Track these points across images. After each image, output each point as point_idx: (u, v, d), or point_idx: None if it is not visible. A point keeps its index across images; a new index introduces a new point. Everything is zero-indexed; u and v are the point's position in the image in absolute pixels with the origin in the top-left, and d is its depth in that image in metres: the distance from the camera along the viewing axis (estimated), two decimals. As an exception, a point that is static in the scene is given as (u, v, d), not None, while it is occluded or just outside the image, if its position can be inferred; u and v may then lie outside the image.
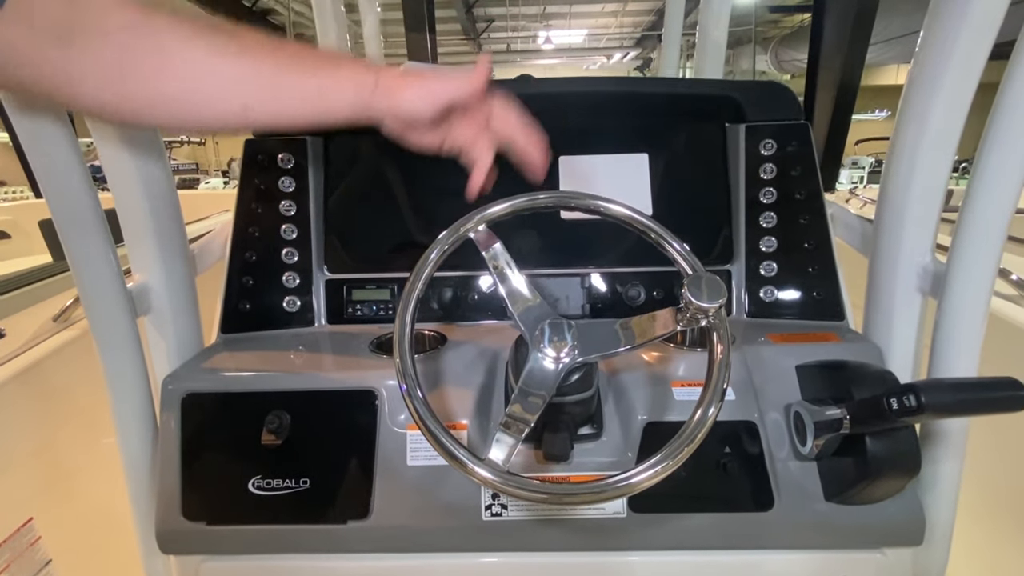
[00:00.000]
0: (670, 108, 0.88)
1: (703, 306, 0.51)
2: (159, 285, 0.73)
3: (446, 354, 0.72)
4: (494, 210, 0.60)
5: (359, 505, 0.65)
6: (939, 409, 0.50)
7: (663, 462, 0.49)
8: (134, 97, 0.47)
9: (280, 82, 0.50)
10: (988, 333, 0.64)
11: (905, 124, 0.68)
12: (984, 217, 0.60)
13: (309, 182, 0.83)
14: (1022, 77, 0.56)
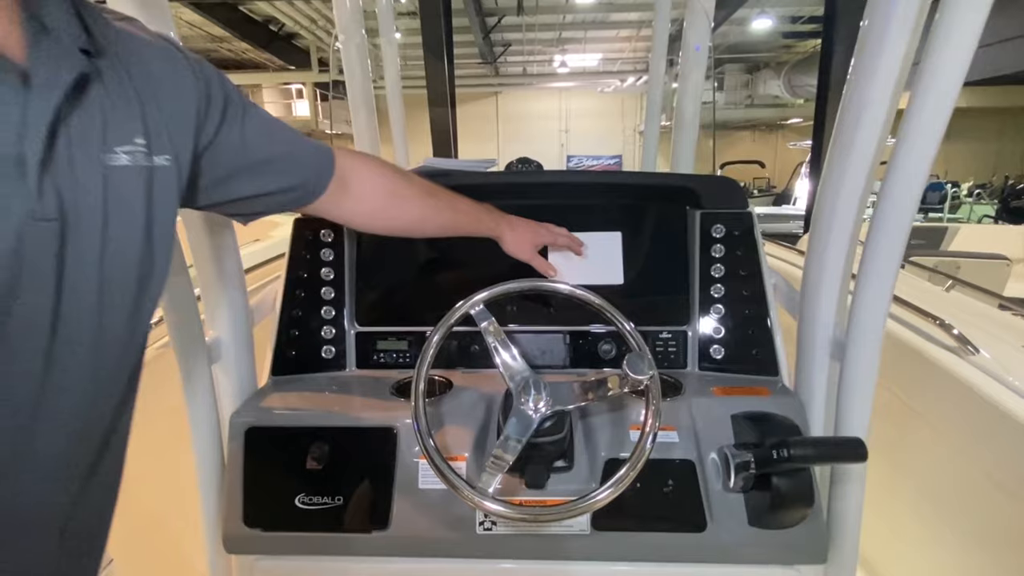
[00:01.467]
0: (641, 195, 1.06)
1: (637, 377, 0.69)
2: (227, 338, 0.92)
3: (452, 399, 0.90)
4: (487, 294, 0.78)
5: (380, 518, 0.82)
6: (804, 459, 0.67)
7: (609, 489, 0.67)
8: (385, 227, 0.84)
9: (452, 219, 0.87)
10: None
11: (818, 210, 0.85)
12: (871, 297, 0.77)
13: (344, 253, 1.03)
14: (901, 178, 0.72)
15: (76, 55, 0.46)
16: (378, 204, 0.80)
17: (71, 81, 0.44)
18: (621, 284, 1.02)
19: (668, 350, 1.00)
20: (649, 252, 1.04)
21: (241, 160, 0.64)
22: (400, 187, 0.82)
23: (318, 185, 0.73)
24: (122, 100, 0.50)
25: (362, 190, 0.78)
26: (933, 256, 2.54)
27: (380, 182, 0.80)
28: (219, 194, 0.65)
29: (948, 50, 0.63)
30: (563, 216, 1.05)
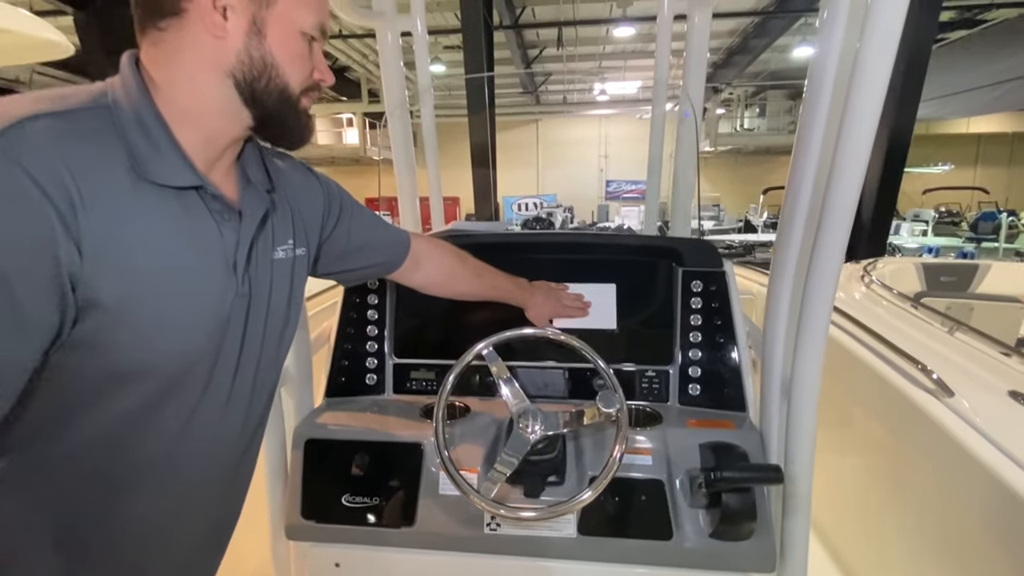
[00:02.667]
0: (633, 254, 1.25)
1: (607, 410, 0.87)
2: (293, 366, 1.15)
3: (468, 421, 1.10)
4: (494, 340, 0.99)
5: (408, 516, 1.02)
6: (731, 480, 0.84)
7: (577, 500, 0.86)
8: (443, 294, 1.09)
9: (491, 293, 1.13)
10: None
11: (776, 258, 0.99)
12: (808, 342, 0.92)
13: (386, 300, 1.25)
14: (827, 232, 0.83)
15: (264, 196, 0.73)
16: (439, 279, 1.07)
17: (261, 215, 0.71)
18: (615, 329, 1.21)
19: (653, 386, 1.17)
20: (639, 301, 1.22)
21: (347, 246, 0.91)
22: (457, 268, 1.08)
23: (397, 262, 1.00)
24: (283, 215, 0.77)
25: (429, 268, 1.05)
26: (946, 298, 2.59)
27: (442, 264, 1.07)
28: (330, 268, 0.93)
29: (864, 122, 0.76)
30: (568, 269, 1.25)
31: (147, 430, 0.64)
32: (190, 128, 0.62)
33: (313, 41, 0.68)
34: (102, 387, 0.59)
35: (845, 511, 1.64)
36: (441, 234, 1.41)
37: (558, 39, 10.67)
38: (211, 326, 0.66)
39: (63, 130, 0.53)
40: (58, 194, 0.51)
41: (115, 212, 0.55)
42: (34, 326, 0.51)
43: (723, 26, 10.73)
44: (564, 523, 0.99)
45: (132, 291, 0.57)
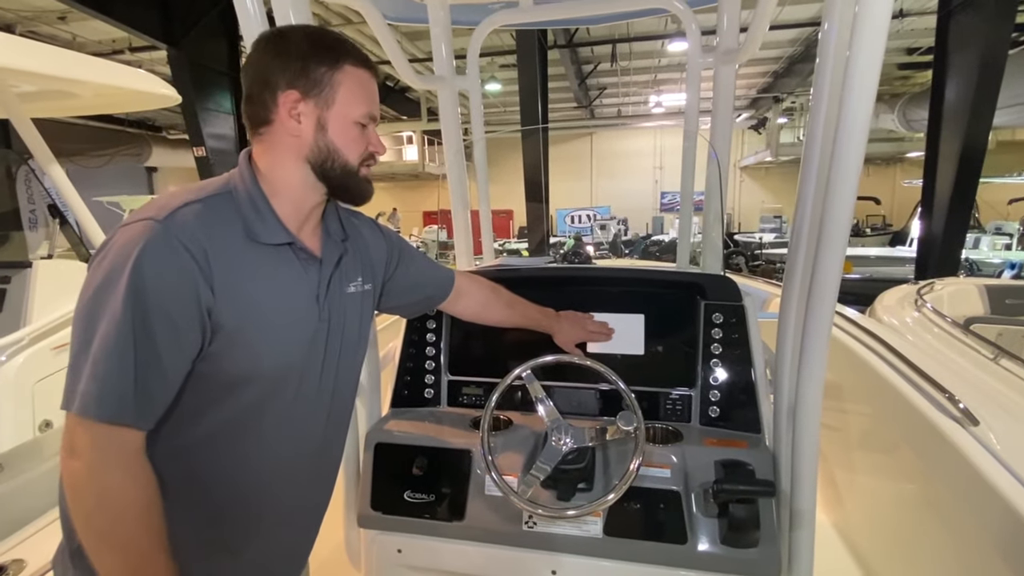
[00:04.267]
0: (660, 287, 1.39)
1: (625, 428, 1.02)
2: (365, 380, 1.36)
3: (511, 433, 1.27)
4: (532, 364, 1.16)
5: (459, 512, 1.20)
6: (730, 493, 0.97)
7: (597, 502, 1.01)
8: (481, 321, 1.28)
9: (522, 321, 1.30)
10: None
11: (787, 281, 1.10)
12: (811, 367, 1.02)
13: (443, 324, 1.45)
14: (824, 261, 0.91)
15: (339, 244, 0.95)
16: (477, 309, 1.28)
17: (336, 260, 0.93)
18: (642, 354, 1.35)
19: (676, 407, 1.30)
20: (665, 330, 1.36)
21: (404, 284, 1.12)
22: (491, 300, 1.28)
23: (443, 296, 1.22)
24: (354, 259, 0.98)
25: (468, 300, 1.26)
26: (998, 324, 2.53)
27: (479, 296, 1.27)
28: (390, 303, 1.13)
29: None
30: (600, 300, 1.40)
31: (258, 419, 0.85)
32: (284, 200, 0.86)
33: (365, 126, 0.88)
34: (224, 388, 0.82)
35: (884, 538, 1.69)
36: (490, 268, 1.60)
37: (612, 55, 10.78)
38: (300, 343, 0.87)
39: (201, 211, 0.78)
40: (199, 254, 0.75)
41: (233, 263, 0.79)
42: (188, 344, 0.76)
43: (784, 36, 10.52)
44: (591, 524, 1.14)
45: (243, 319, 0.80)
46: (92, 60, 2.26)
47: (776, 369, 1.14)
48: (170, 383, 0.76)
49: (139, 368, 0.72)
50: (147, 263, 0.72)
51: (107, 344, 0.70)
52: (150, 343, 0.72)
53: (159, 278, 0.72)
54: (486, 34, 1.70)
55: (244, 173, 0.85)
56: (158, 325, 0.73)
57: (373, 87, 0.90)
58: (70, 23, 9.24)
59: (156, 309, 0.72)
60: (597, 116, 17.73)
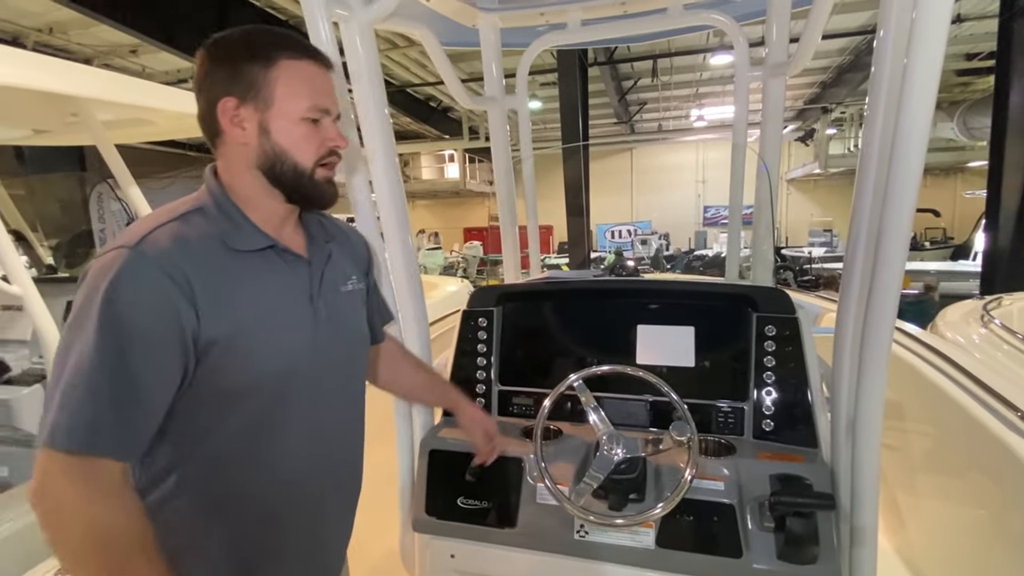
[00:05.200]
0: (712, 300, 1.39)
1: (678, 438, 1.03)
2: (419, 389, 1.41)
3: (562, 443, 1.28)
4: (582, 374, 1.17)
5: (510, 519, 1.22)
6: (788, 505, 0.95)
7: (650, 511, 1.02)
8: (382, 372, 1.18)
9: (428, 392, 1.28)
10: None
11: (843, 293, 1.08)
12: (871, 380, 1.00)
13: (494, 334, 1.49)
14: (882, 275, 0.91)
15: (325, 246, 0.94)
16: (386, 359, 1.18)
17: (325, 259, 0.92)
18: (692, 366, 1.35)
19: (728, 420, 1.29)
20: (717, 342, 1.35)
21: (373, 292, 1.10)
22: (399, 355, 1.22)
23: (375, 338, 1.13)
24: (344, 258, 0.98)
25: (386, 344, 1.18)
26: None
27: (394, 347, 1.21)
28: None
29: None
30: (650, 313, 1.41)
31: (273, 431, 0.84)
32: (253, 208, 0.84)
33: (316, 121, 0.83)
34: (229, 401, 0.81)
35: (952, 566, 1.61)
36: (538, 281, 1.64)
37: (652, 70, 10.77)
38: (300, 345, 0.86)
39: (175, 230, 0.77)
40: (178, 275, 0.73)
41: (216, 276, 0.77)
42: (169, 368, 0.74)
43: (832, 45, 10.28)
44: (644, 535, 1.14)
45: (236, 328, 0.78)
46: (168, 89, 2.44)
47: (833, 384, 1.13)
48: (152, 410, 0.74)
49: (114, 397, 0.69)
50: (120, 291, 0.70)
51: (78, 374, 0.68)
52: (125, 371, 0.70)
53: (134, 305, 0.70)
54: (535, 55, 1.76)
55: (212, 187, 0.84)
56: (134, 353, 0.70)
57: (319, 77, 0.85)
58: (140, 56, 9.94)
59: (131, 337, 0.70)
60: (637, 131, 17.66)
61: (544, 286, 1.52)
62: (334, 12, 1.04)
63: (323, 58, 0.86)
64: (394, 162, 1.23)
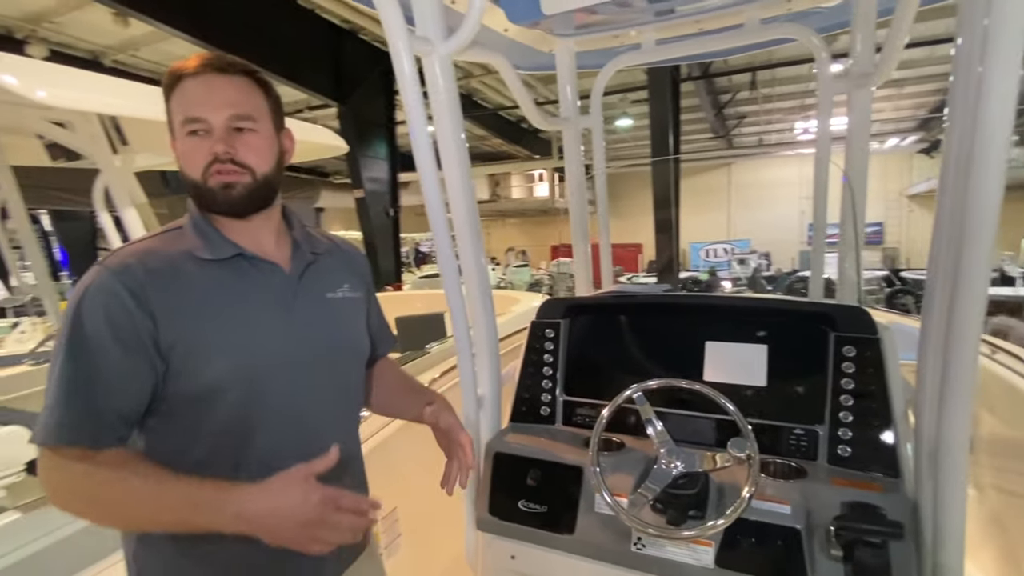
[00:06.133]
0: (785, 318, 1.35)
1: (736, 455, 1.01)
2: (488, 395, 1.48)
3: (623, 455, 1.29)
4: (642, 386, 1.19)
5: (568, 526, 1.25)
6: (852, 531, 0.90)
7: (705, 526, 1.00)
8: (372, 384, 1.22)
9: (410, 407, 1.23)
10: None
11: (925, 322, 1.01)
12: (954, 406, 0.92)
13: (560, 345, 1.53)
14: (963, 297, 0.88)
15: (307, 255, 0.99)
16: (378, 373, 1.23)
17: (303, 268, 0.97)
18: (764, 386, 1.31)
19: (800, 443, 1.24)
20: (790, 362, 1.30)
21: (371, 311, 1.15)
22: (393, 373, 1.28)
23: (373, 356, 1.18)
24: (335, 269, 1.04)
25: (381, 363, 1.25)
26: None
27: (387, 364, 1.27)
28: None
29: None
30: (720, 329, 1.39)
31: (252, 432, 0.89)
32: (222, 224, 0.91)
33: (195, 134, 0.85)
34: (201, 399, 0.85)
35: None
36: (605, 294, 1.66)
37: (751, 83, 10.35)
38: (270, 343, 0.90)
39: (142, 248, 0.86)
40: (135, 287, 0.81)
41: (176, 285, 0.84)
42: (139, 365, 0.81)
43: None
44: (703, 553, 1.12)
45: (196, 332, 0.84)
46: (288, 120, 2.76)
47: (917, 410, 1.06)
48: (126, 403, 0.81)
49: (79, 395, 0.78)
50: (84, 304, 0.80)
51: (52, 378, 0.79)
52: (87, 371, 0.78)
53: (94, 312, 0.79)
54: (610, 76, 1.80)
55: (191, 208, 0.93)
56: (98, 353, 0.79)
57: (196, 88, 0.86)
58: (266, 90, 11.12)
59: (94, 340, 0.79)
60: (736, 145, 16.95)
61: (611, 300, 1.55)
62: (416, 47, 1.16)
63: (201, 69, 0.86)
64: (469, 184, 1.31)
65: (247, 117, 0.89)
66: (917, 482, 1.07)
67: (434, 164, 1.21)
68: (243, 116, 0.88)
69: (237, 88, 0.89)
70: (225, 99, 0.87)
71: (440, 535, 1.81)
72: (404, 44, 1.12)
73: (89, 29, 8.02)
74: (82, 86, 2.03)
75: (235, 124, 0.87)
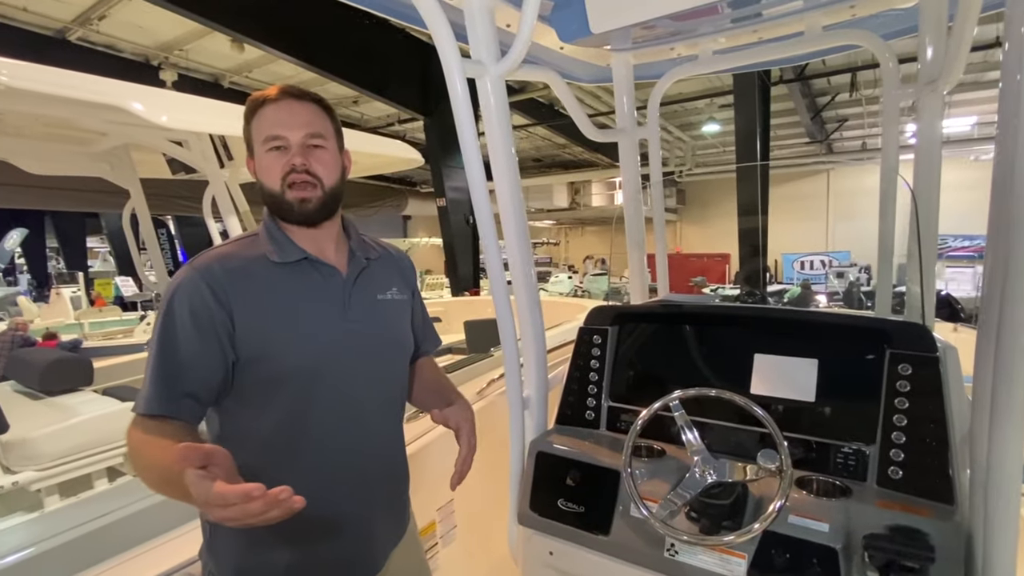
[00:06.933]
0: (838, 332, 1.30)
1: (766, 466, 1.00)
2: (534, 396, 1.54)
3: (661, 462, 1.30)
4: (680, 394, 1.20)
5: (604, 527, 1.28)
6: (879, 550, 0.86)
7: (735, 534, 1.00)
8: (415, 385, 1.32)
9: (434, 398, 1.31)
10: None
11: (980, 348, 0.95)
12: (1005, 429, 0.86)
13: (607, 351, 1.56)
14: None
15: (362, 261, 1.10)
16: (418, 365, 1.32)
17: (358, 272, 1.09)
18: (812, 401, 1.27)
19: (848, 462, 1.19)
20: (843, 377, 1.25)
21: (416, 312, 1.26)
22: (432, 372, 1.36)
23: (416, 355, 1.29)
24: (385, 273, 1.15)
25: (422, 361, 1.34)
26: None
27: (431, 361, 1.37)
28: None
29: None
30: (770, 341, 1.37)
31: (306, 420, 0.99)
32: (294, 232, 1.04)
33: (275, 150, 0.99)
34: (268, 386, 0.97)
35: None
36: (652, 303, 1.68)
37: (851, 84, 9.66)
38: (328, 341, 1.01)
39: (224, 252, 0.99)
40: (217, 287, 0.93)
41: (252, 284, 0.97)
42: (214, 353, 0.93)
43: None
44: (736, 565, 1.12)
45: (267, 326, 0.96)
46: (368, 136, 3.00)
47: (972, 433, 1.00)
48: (199, 384, 0.92)
49: (164, 375, 0.91)
50: (174, 298, 0.93)
51: (150, 359, 0.93)
52: (175, 355, 0.91)
53: (183, 307, 0.93)
54: (667, 86, 1.81)
55: (266, 218, 1.06)
56: (181, 341, 0.92)
57: (277, 112, 1.00)
58: (360, 105, 11.91)
59: (180, 329, 0.92)
60: (836, 151, 15.83)
61: (660, 308, 1.56)
62: (469, 70, 1.25)
63: (287, 95, 1.01)
64: (519, 197, 1.39)
65: (319, 135, 1.02)
66: (971, 509, 1.01)
67: (484, 178, 1.30)
68: (315, 135, 1.02)
69: (310, 112, 1.03)
70: (301, 120, 1.01)
71: (494, 529, 1.89)
72: (457, 66, 1.21)
73: (211, 55, 9.02)
74: (196, 110, 2.34)
75: (309, 141, 1.01)
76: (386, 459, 1.18)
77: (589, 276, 13.71)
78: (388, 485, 1.19)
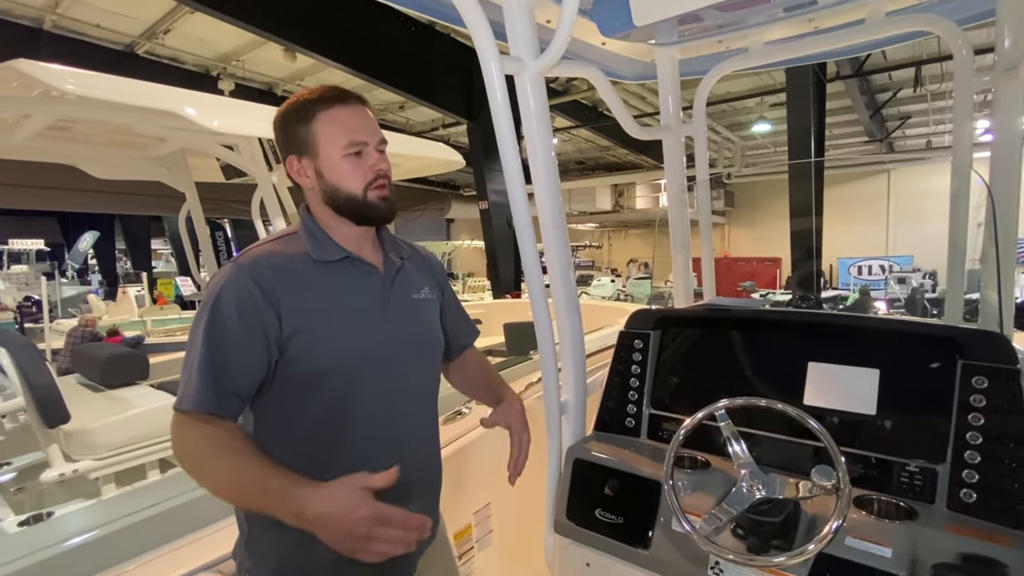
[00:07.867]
0: (903, 340, 1.20)
1: (821, 483, 0.93)
2: (572, 402, 1.50)
3: (706, 474, 1.24)
4: (726, 403, 1.13)
5: (644, 541, 1.22)
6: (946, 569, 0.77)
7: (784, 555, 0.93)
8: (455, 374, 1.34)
9: (484, 392, 1.33)
10: None
11: None
12: None
13: (648, 357, 1.50)
14: None
15: (397, 261, 1.10)
16: (458, 361, 1.33)
17: (394, 273, 1.09)
18: (873, 414, 1.18)
19: (914, 482, 1.09)
20: (909, 389, 1.15)
21: (448, 307, 1.25)
22: (471, 358, 1.35)
23: (453, 352, 1.30)
24: (417, 273, 1.15)
25: (460, 373, 1.35)
26: None
27: (470, 354, 1.35)
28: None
29: None
30: (828, 349, 1.28)
31: (345, 417, 1.00)
32: (334, 232, 1.04)
33: (357, 154, 1.00)
34: (310, 381, 0.98)
35: None
36: (698, 306, 1.60)
37: (915, 79, 9.14)
38: (369, 338, 1.02)
39: (270, 249, 0.99)
40: (266, 284, 0.94)
41: (298, 282, 0.97)
42: (259, 350, 0.93)
43: None
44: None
45: (312, 322, 0.96)
46: (410, 138, 3.03)
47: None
48: (244, 381, 0.93)
49: (210, 373, 0.90)
50: (221, 295, 0.93)
51: (191, 356, 0.92)
52: (223, 352, 0.91)
53: (230, 304, 0.92)
54: (714, 82, 1.74)
55: (303, 217, 1.07)
56: (229, 339, 0.92)
57: (352, 117, 1.01)
58: (406, 111, 12.13)
59: (228, 327, 0.92)
60: (897, 150, 15.02)
61: (704, 312, 1.49)
62: (507, 67, 1.23)
63: (352, 99, 1.02)
64: (557, 199, 1.35)
65: (384, 141, 1.08)
66: None
67: (522, 178, 1.26)
68: (383, 140, 1.07)
69: (374, 118, 1.08)
70: (374, 126, 1.06)
71: (532, 535, 1.85)
72: (495, 63, 1.18)
73: (265, 64, 9.39)
74: (246, 115, 2.42)
75: (380, 147, 1.06)
76: (423, 457, 1.17)
77: (632, 280, 13.48)
78: (424, 483, 1.18)
